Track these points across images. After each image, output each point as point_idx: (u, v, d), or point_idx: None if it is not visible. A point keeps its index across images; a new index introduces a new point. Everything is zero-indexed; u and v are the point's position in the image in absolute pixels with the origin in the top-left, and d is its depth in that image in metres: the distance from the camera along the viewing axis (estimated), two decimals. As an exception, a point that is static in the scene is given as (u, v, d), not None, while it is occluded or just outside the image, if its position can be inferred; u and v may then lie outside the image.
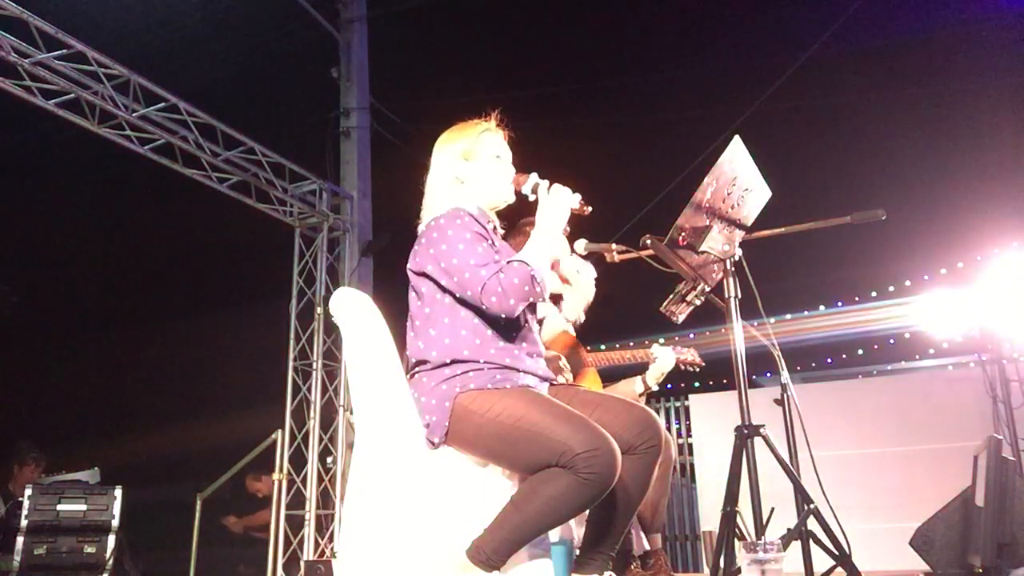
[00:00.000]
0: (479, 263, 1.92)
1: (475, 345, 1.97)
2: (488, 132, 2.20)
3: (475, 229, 1.99)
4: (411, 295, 2.08)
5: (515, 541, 1.79)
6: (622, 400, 2.03)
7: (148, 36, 6.58)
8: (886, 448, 5.35)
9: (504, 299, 1.87)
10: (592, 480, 1.70)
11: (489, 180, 2.15)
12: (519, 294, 1.88)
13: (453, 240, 1.96)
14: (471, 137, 2.18)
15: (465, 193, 2.14)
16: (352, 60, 7.41)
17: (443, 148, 2.21)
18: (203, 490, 5.54)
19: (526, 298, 1.90)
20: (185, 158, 5.72)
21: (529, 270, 1.89)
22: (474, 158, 2.16)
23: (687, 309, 2.56)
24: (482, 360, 1.96)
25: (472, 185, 2.14)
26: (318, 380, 6.40)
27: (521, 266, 1.90)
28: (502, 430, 1.83)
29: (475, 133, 2.19)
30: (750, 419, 2.26)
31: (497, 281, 1.88)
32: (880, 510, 5.16)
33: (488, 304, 1.89)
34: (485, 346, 1.98)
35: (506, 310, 1.89)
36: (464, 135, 2.20)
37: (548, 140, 8.23)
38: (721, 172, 2.32)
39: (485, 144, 2.18)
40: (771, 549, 1.72)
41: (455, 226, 1.98)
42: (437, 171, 2.19)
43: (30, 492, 4.41)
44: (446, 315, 2.00)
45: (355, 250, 6.90)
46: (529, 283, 1.89)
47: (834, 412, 5.46)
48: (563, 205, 2.05)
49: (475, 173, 2.15)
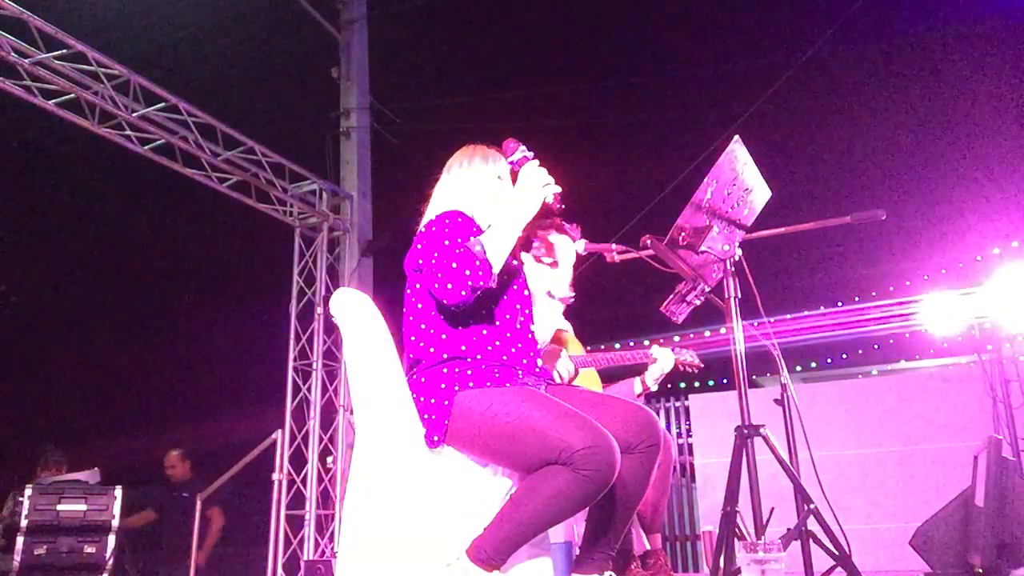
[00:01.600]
0: (437, 250, 1.92)
1: (471, 342, 1.98)
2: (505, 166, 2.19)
3: (463, 228, 1.99)
4: (407, 292, 2.09)
5: (515, 540, 1.78)
6: (621, 400, 2.03)
7: (148, 36, 6.58)
8: (886, 448, 5.35)
9: (444, 286, 1.85)
10: (591, 477, 1.70)
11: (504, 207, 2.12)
12: (459, 280, 1.84)
13: (438, 237, 1.96)
14: (502, 163, 2.17)
15: (483, 205, 2.13)
16: (352, 60, 7.41)
17: (475, 161, 2.19)
18: (203, 490, 5.53)
19: (466, 284, 1.85)
20: (185, 158, 5.72)
21: (473, 256, 1.86)
22: (505, 179, 2.16)
23: (687, 309, 2.57)
24: (479, 356, 1.96)
25: (500, 205, 2.11)
26: (318, 380, 6.40)
27: (466, 252, 1.87)
28: (501, 428, 1.83)
29: (498, 160, 2.18)
30: (750, 419, 2.26)
31: (444, 266, 1.86)
32: (880, 510, 5.17)
33: (436, 295, 1.89)
34: (481, 343, 1.98)
35: (449, 298, 1.86)
36: (496, 159, 2.18)
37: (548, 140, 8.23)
38: (721, 172, 2.32)
39: (506, 173, 2.18)
40: (771, 549, 1.73)
41: (445, 223, 1.99)
42: (470, 178, 2.16)
43: (30, 492, 4.41)
44: (442, 312, 2.00)
45: (355, 250, 6.90)
46: (471, 267, 1.85)
47: (834, 412, 5.46)
48: (539, 192, 1.99)
49: (507, 193, 2.13)
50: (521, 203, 1.97)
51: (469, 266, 1.85)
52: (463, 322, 1.99)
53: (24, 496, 4.41)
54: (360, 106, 7.31)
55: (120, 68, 5.12)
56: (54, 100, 4.98)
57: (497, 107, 7.83)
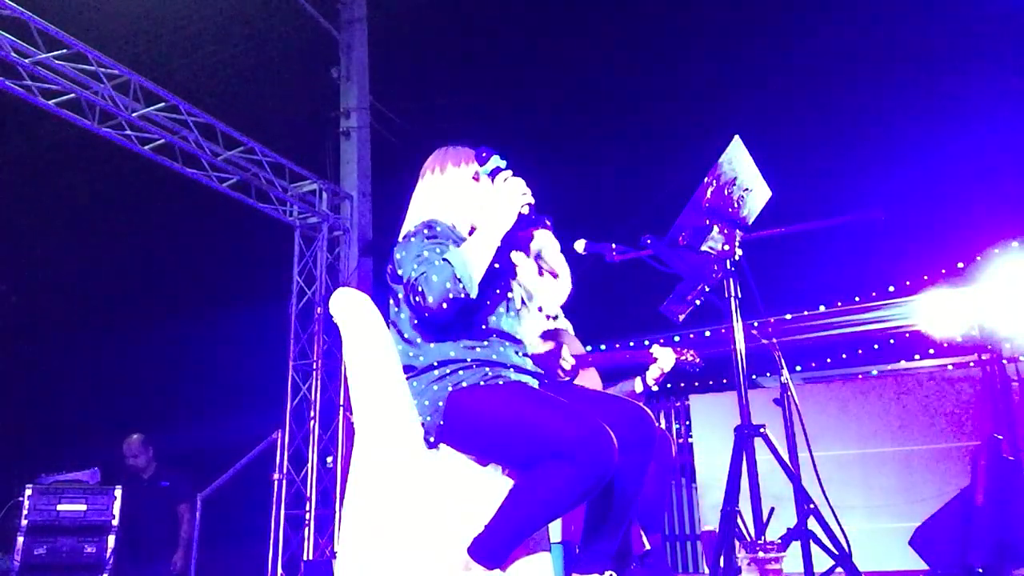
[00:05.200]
0: (417, 260, 1.91)
1: (459, 348, 1.98)
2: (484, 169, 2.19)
3: (439, 236, 1.99)
4: (391, 302, 2.09)
5: (516, 536, 1.78)
6: (616, 396, 2.03)
7: (148, 36, 6.58)
8: (886, 448, 5.35)
9: (424, 299, 1.84)
10: (589, 470, 1.70)
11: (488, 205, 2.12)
12: (439, 292, 1.83)
13: (414, 247, 1.97)
14: (473, 164, 2.17)
15: (461, 210, 2.14)
16: (352, 60, 7.41)
17: (453, 162, 2.19)
18: (203, 490, 5.53)
19: (446, 297, 1.84)
20: (185, 158, 5.72)
21: (450, 269, 1.85)
22: (482, 181, 2.15)
23: (687, 309, 2.57)
24: (469, 359, 1.96)
25: (480, 206, 2.11)
26: (318, 380, 6.40)
27: (444, 265, 1.86)
28: (497, 426, 1.83)
29: (471, 161, 2.17)
30: (750, 419, 2.26)
31: (420, 279, 1.86)
32: (880, 510, 5.16)
33: (414, 304, 1.88)
34: (471, 345, 1.98)
35: (428, 310, 1.85)
36: (469, 158, 2.18)
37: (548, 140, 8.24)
38: (721, 172, 2.32)
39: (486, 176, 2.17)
40: (771, 549, 1.73)
41: (423, 233, 2.00)
42: (444, 184, 2.16)
43: (30, 492, 4.41)
44: (424, 324, 2.00)
45: (355, 250, 6.90)
46: (451, 280, 1.84)
47: (834, 412, 5.46)
48: (515, 203, 1.99)
49: (483, 195, 2.13)
50: (497, 215, 1.98)
51: (449, 279, 1.84)
52: (449, 330, 1.99)
53: (24, 496, 4.41)
54: (360, 106, 7.31)
55: (120, 68, 5.12)
56: (54, 100, 4.98)
57: (497, 107, 7.83)
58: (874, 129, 8.28)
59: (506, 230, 1.99)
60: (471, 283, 1.88)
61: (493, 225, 1.97)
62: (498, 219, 1.98)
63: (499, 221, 1.98)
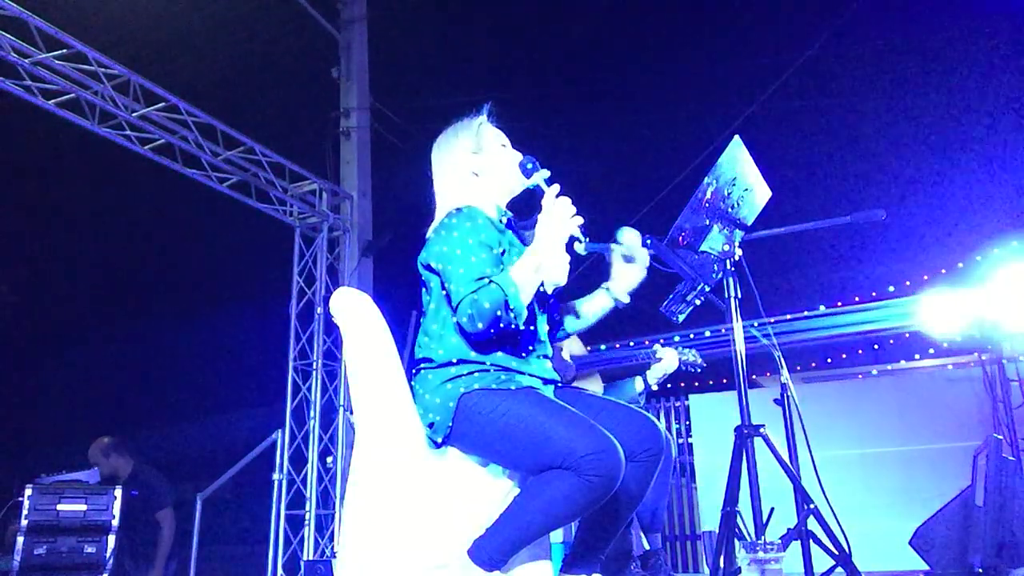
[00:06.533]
0: (467, 275, 1.88)
1: (481, 347, 1.96)
2: (484, 124, 2.18)
3: (482, 236, 1.95)
4: (422, 289, 2.08)
5: (517, 542, 1.78)
6: (627, 406, 2.02)
7: (148, 36, 6.58)
8: (886, 448, 5.35)
9: (472, 322, 1.84)
10: (595, 483, 1.70)
11: (503, 170, 2.12)
12: (488, 319, 1.83)
13: (456, 243, 1.93)
14: (472, 131, 2.16)
15: (481, 187, 2.12)
16: (352, 60, 7.41)
17: (447, 147, 2.17)
18: (203, 490, 5.54)
19: (495, 324, 1.84)
20: (185, 158, 5.72)
21: (503, 297, 1.83)
22: (483, 151, 2.14)
23: (687, 309, 2.57)
24: (488, 362, 1.95)
25: (489, 177, 2.12)
26: (318, 380, 6.40)
27: (496, 290, 1.84)
28: (506, 431, 1.83)
29: (474, 127, 2.16)
30: (750, 419, 2.26)
31: (471, 301, 1.84)
32: (880, 510, 5.16)
33: (459, 320, 1.88)
34: (493, 346, 1.96)
35: (474, 331, 1.85)
36: (465, 131, 2.17)
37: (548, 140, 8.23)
38: (721, 172, 2.32)
39: (488, 136, 2.16)
40: (771, 549, 1.73)
41: (464, 228, 1.95)
42: (447, 170, 2.15)
43: (30, 492, 4.41)
44: (453, 312, 1.98)
45: (355, 250, 6.90)
46: (502, 308, 1.83)
47: (834, 412, 5.46)
48: (565, 225, 1.91)
49: (488, 165, 2.12)
50: (549, 240, 1.90)
51: (501, 307, 1.83)
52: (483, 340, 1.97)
53: (24, 496, 4.40)
54: (360, 106, 7.31)
55: (120, 68, 5.12)
56: (54, 100, 4.98)
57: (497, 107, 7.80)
58: (874, 129, 8.28)
59: (557, 255, 1.91)
60: (522, 313, 1.88)
61: (544, 251, 1.90)
62: (550, 245, 1.90)
63: (550, 247, 1.90)
